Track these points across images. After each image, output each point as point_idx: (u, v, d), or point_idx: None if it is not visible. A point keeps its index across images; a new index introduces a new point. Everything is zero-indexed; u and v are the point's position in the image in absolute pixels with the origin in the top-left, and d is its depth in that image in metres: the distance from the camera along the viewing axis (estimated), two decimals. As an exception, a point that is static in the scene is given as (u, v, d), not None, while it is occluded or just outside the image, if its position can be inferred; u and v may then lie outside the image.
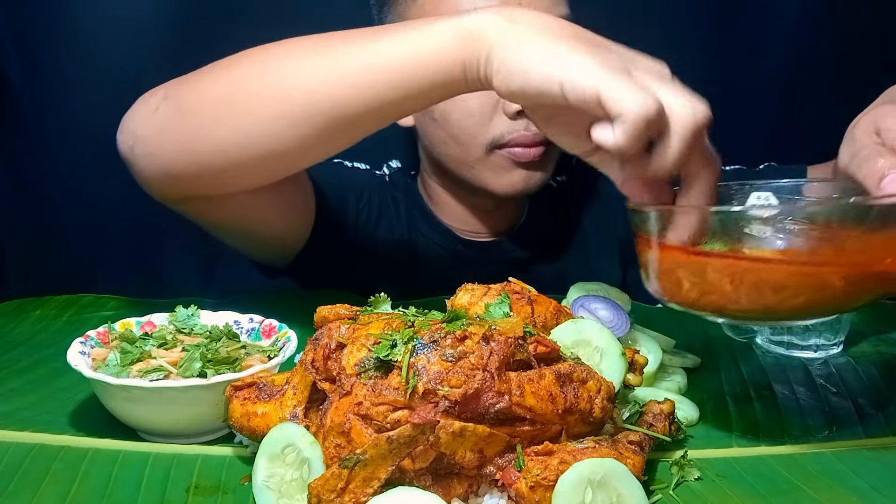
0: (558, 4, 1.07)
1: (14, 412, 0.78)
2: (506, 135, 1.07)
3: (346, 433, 0.60)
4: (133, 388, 0.70)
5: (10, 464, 0.68)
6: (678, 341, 0.93)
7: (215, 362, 0.74)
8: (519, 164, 1.10)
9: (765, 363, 0.92)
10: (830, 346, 0.93)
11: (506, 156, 1.09)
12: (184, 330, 0.82)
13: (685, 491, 0.66)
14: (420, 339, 0.60)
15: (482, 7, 0.74)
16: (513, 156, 1.08)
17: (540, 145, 1.08)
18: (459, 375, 0.58)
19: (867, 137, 0.68)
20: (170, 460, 0.70)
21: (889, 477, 0.67)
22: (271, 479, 0.62)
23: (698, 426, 0.78)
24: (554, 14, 0.82)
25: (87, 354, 0.77)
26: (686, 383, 0.85)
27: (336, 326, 0.65)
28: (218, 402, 0.71)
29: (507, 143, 1.07)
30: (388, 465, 0.58)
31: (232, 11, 1.35)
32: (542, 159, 1.10)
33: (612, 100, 0.64)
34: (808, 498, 0.64)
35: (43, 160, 1.35)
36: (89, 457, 0.70)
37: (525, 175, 1.11)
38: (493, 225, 1.24)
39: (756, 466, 0.70)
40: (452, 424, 0.58)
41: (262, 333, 0.84)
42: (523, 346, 0.62)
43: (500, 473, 0.60)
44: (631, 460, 0.62)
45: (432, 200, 1.25)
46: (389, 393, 0.59)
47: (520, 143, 1.07)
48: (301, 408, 0.66)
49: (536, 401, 0.60)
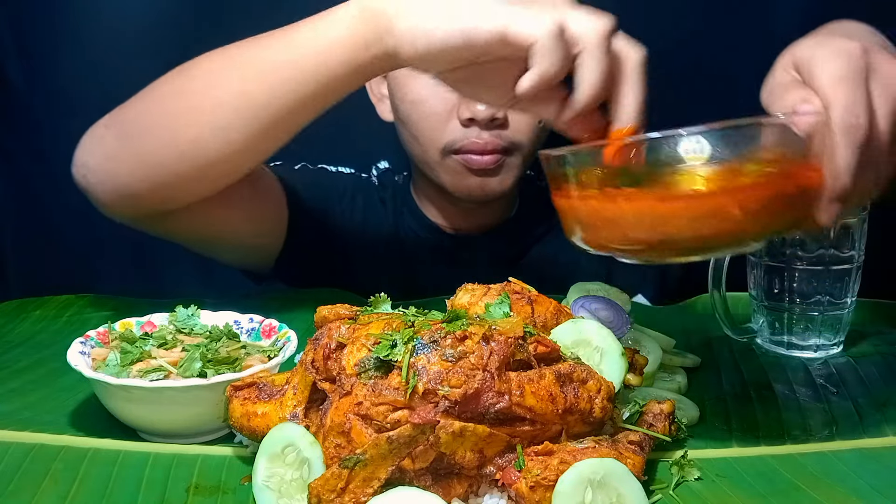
0: None
1: (14, 412, 0.78)
2: (459, 140, 1.07)
3: (346, 433, 0.60)
4: (133, 388, 0.70)
5: (10, 464, 0.68)
6: (678, 341, 0.93)
7: (215, 362, 0.74)
8: (472, 170, 1.10)
9: (765, 363, 0.92)
10: (830, 346, 0.93)
11: (460, 161, 1.09)
12: (184, 330, 0.82)
13: (685, 491, 0.66)
14: (420, 339, 0.60)
15: None
16: (466, 162, 1.09)
17: (494, 153, 1.08)
18: (459, 375, 0.58)
19: (783, 72, 0.67)
20: (170, 460, 0.70)
21: (889, 477, 0.67)
22: (271, 479, 0.62)
23: (698, 426, 0.78)
24: None
25: (87, 354, 0.77)
26: (686, 383, 0.85)
27: (336, 326, 0.65)
28: (218, 402, 0.71)
29: (460, 149, 1.08)
30: (388, 465, 0.58)
31: (232, 12, 1.35)
32: (497, 168, 1.10)
33: (518, 33, 0.66)
34: (808, 498, 0.64)
35: (43, 160, 1.35)
36: (89, 457, 0.70)
37: (479, 182, 1.11)
38: (481, 221, 1.23)
39: (756, 466, 0.70)
40: (452, 424, 0.58)
41: (262, 333, 0.84)
42: (523, 346, 0.62)
43: (500, 473, 0.60)
44: (631, 460, 0.62)
45: (421, 197, 1.25)
46: (389, 393, 0.59)
47: (471, 150, 1.07)
48: (301, 408, 0.66)
49: (536, 401, 0.60)
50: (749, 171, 0.61)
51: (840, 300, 0.91)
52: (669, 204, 0.61)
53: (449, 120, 1.07)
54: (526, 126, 1.07)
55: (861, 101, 0.62)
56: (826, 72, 0.63)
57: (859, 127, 0.61)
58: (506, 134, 1.07)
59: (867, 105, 0.62)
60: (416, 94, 1.07)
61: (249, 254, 1.15)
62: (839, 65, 0.63)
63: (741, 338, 0.94)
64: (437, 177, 1.14)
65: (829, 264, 0.90)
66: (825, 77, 0.63)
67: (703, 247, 0.64)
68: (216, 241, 1.07)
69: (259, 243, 1.13)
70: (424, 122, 1.09)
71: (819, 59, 0.64)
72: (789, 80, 0.66)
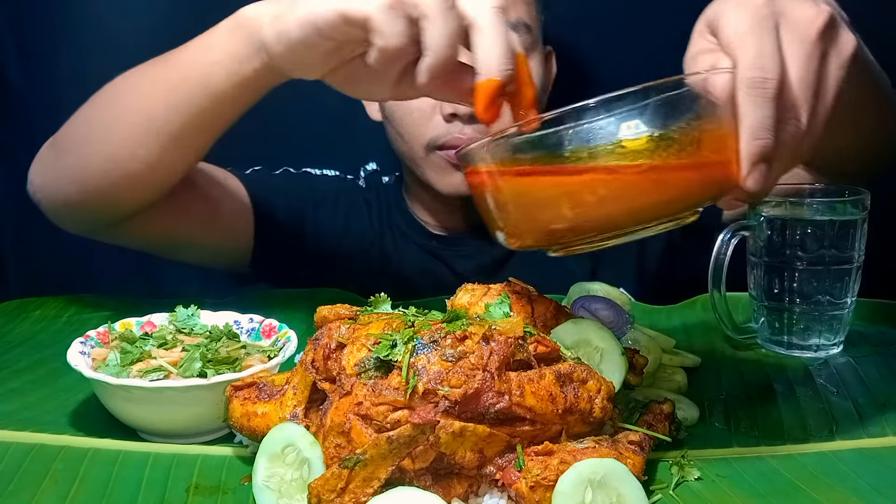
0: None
1: (14, 412, 0.78)
2: (442, 136, 1.08)
3: (346, 433, 0.60)
4: (133, 388, 0.70)
5: (10, 464, 0.68)
6: (678, 341, 0.93)
7: (215, 362, 0.74)
8: (456, 166, 1.10)
9: (765, 363, 0.92)
10: (830, 346, 0.93)
11: (444, 157, 1.10)
12: (184, 330, 0.82)
13: (685, 491, 0.66)
14: (420, 339, 0.60)
15: None
16: (450, 158, 1.09)
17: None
18: (459, 375, 0.58)
19: (699, 38, 0.64)
20: (170, 460, 0.70)
21: (889, 477, 0.67)
22: (271, 479, 0.62)
23: (698, 426, 0.78)
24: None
25: (87, 354, 0.77)
26: (686, 383, 0.85)
27: (336, 326, 0.65)
28: (218, 402, 0.71)
29: (444, 144, 1.09)
30: (388, 465, 0.58)
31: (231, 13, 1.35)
32: None
33: (353, 10, 0.66)
34: (808, 498, 0.64)
35: (43, 160, 1.35)
36: (89, 457, 0.70)
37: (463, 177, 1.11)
38: (468, 220, 1.23)
39: (756, 466, 0.69)
40: (452, 424, 0.58)
41: (262, 333, 0.84)
42: (523, 346, 0.62)
43: (500, 473, 0.60)
44: (631, 460, 0.62)
45: (410, 197, 1.26)
46: (389, 393, 0.59)
47: (455, 145, 1.08)
48: (301, 408, 0.66)
49: (536, 401, 0.60)
50: (663, 143, 0.58)
51: (840, 300, 0.91)
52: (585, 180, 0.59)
53: (432, 116, 1.08)
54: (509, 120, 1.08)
55: (768, 51, 0.58)
56: (731, 27, 0.60)
57: (767, 80, 0.58)
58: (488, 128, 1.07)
59: (775, 55, 0.59)
60: None
61: (216, 257, 1.18)
62: (742, 18, 0.60)
63: (741, 338, 0.94)
64: (423, 174, 1.14)
65: (829, 264, 0.89)
66: (730, 33, 0.60)
67: (634, 223, 0.61)
68: (173, 247, 1.09)
69: (222, 248, 1.15)
70: (408, 119, 1.10)
71: (724, 17, 0.61)
72: (705, 46, 0.63)
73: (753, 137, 0.58)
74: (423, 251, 1.23)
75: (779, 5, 0.61)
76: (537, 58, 1.13)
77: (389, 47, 0.66)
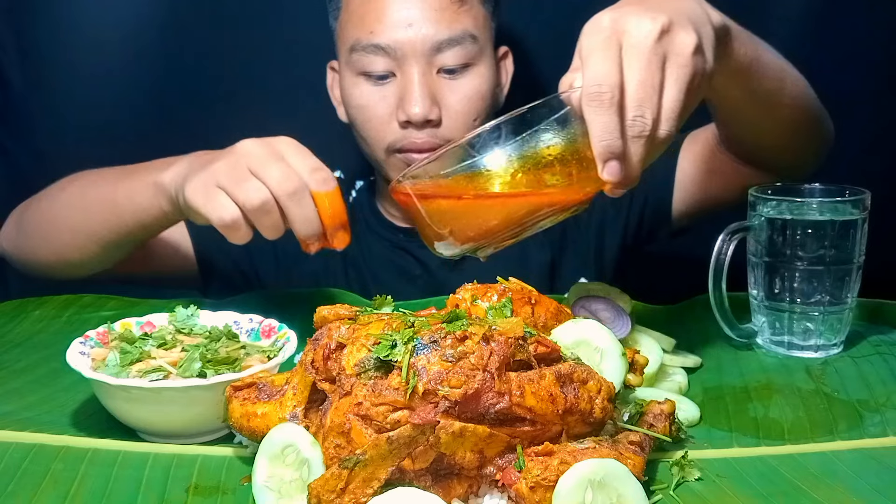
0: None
1: (14, 412, 0.78)
2: (399, 141, 1.13)
3: (346, 433, 0.60)
4: (133, 389, 0.70)
5: (10, 464, 0.68)
6: (678, 341, 0.93)
7: (215, 362, 0.74)
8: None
9: (765, 363, 0.92)
10: (830, 346, 0.93)
11: (402, 159, 1.14)
12: (183, 330, 0.82)
13: (685, 491, 0.66)
14: (420, 339, 0.60)
15: None
16: (407, 160, 1.14)
17: (430, 151, 1.12)
18: (459, 376, 0.58)
19: (575, 56, 0.72)
20: (170, 460, 0.70)
21: (889, 477, 0.67)
22: (271, 479, 0.62)
23: (698, 426, 0.78)
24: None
25: (86, 354, 0.77)
26: (686, 383, 0.85)
27: (336, 326, 0.65)
28: (218, 403, 0.71)
29: (401, 148, 1.14)
30: (388, 465, 0.58)
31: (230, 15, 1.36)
32: None
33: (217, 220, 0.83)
34: (808, 498, 0.64)
35: (42, 160, 1.35)
36: (89, 457, 0.70)
37: None
38: None
39: (756, 466, 0.69)
40: (452, 425, 0.58)
41: (261, 333, 0.83)
42: (523, 347, 0.62)
43: (500, 474, 0.60)
44: (631, 461, 0.62)
45: (380, 197, 1.30)
46: (389, 393, 0.59)
47: (410, 149, 1.13)
48: (301, 408, 0.66)
49: (536, 401, 0.60)
50: (540, 156, 0.69)
51: (840, 300, 0.91)
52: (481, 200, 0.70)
53: (390, 122, 1.13)
54: (461, 124, 1.13)
55: (603, 67, 0.67)
56: (582, 49, 0.69)
57: (602, 92, 0.66)
58: (440, 132, 1.12)
59: (611, 69, 0.67)
60: (360, 99, 1.15)
61: (167, 281, 1.26)
62: (589, 39, 0.69)
63: (741, 338, 0.94)
64: (386, 174, 1.19)
65: (829, 264, 0.89)
66: (582, 54, 0.69)
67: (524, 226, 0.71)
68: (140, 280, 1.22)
69: (170, 275, 1.24)
70: (369, 125, 1.15)
71: (580, 39, 0.70)
72: (576, 65, 0.71)
73: (599, 140, 0.67)
74: (390, 244, 1.27)
75: (620, 24, 0.69)
76: (486, 62, 1.15)
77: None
